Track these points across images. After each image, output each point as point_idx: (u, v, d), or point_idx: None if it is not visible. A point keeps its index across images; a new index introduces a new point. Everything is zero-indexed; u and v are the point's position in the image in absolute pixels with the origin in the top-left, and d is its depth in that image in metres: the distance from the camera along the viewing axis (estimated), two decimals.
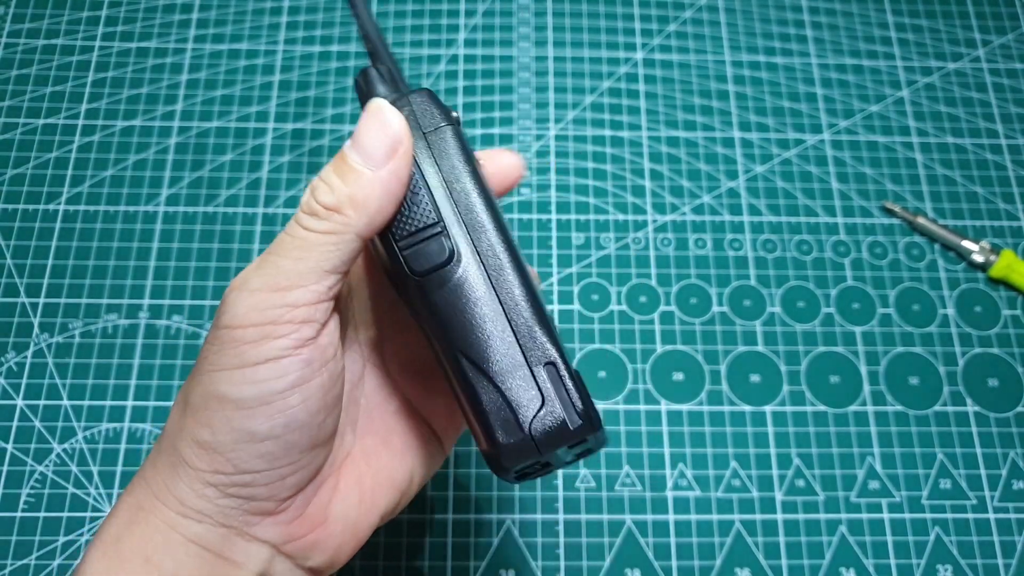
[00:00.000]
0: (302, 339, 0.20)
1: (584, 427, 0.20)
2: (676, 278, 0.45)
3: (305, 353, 0.20)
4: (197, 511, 0.21)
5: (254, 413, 0.20)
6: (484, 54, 0.51)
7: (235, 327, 0.20)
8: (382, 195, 0.20)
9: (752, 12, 0.53)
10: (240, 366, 0.20)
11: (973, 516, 0.40)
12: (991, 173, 0.48)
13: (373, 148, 0.20)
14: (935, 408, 0.42)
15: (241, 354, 0.20)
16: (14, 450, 0.40)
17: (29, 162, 0.47)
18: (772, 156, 0.48)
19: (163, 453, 0.21)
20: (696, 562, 0.38)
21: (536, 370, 0.20)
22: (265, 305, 0.20)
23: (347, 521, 0.23)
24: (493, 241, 0.21)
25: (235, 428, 0.20)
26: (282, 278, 0.20)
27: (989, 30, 0.53)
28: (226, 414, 0.20)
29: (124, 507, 0.22)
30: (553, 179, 0.47)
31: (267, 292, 0.20)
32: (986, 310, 0.45)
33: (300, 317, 0.20)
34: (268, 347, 0.20)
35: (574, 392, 0.20)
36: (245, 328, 0.20)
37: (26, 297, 0.43)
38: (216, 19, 0.51)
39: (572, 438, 0.20)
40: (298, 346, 0.20)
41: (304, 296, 0.20)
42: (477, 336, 0.20)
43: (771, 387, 0.42)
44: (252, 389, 0.20)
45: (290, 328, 0.20)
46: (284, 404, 0.20)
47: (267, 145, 0.48)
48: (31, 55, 0.50)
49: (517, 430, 0.20)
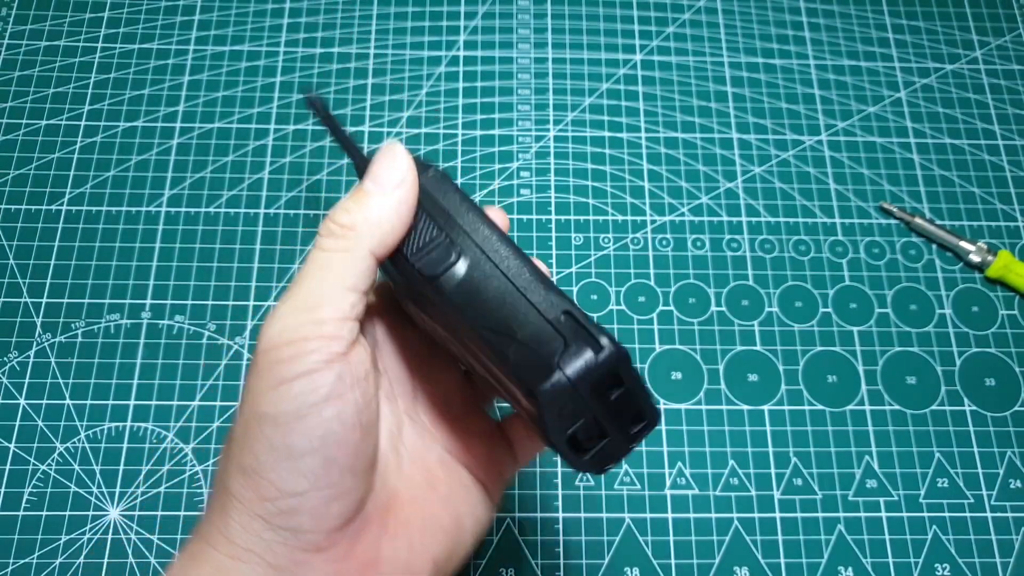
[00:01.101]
0: (332, 354, 0.21)
1: (611, 355, 0.21)
2: (674, 278, 0.45)
3: (336, 367, 0.21)
4: (246, 550, 0.21)
5: (291, 428, 0.21)
6: (484, 55, 0.51)
7: (269, 349, 0.21)
8: (392, 215, 0.23)
9: (750, 14, 0.53)
10: (277, 384, 0.21)
11: (970, 515, 0.40)
12: (988, 174, 0.49)
13: (385, 178, 0.23)
14: (932, 407, 0.42)
15: (277, 373, 0.21)
16: (16, 449, 0.40)
17: (32, 163, 0.47)
18: (770, 157, 0.49)
19: (213, 497, 0.22)
20: (695, 560, 0.39)
21: (554, 321, 0.22)
22: (295, 324, 0.21)
23: (397, 564, 0.23)
24: (488, 234, 0.23)
25: (275, 447, 0.21)
26: (308, 298, 0.22)
27: (986, 32, 0.53)
28: (266, 434, 0.21)
29: (179, 559, 0.22)
30: (552, 180, 0.48)
31: (295, 313, 0.22)
32: (983, 310, 0.45)
33: (328, 332, 0.21)
34: (301, 363, 0.21)
35: (594, 329, 0.22)
36: (279, 348, 0.21)
37: (29, 297, 0.43)
38: (218, 21, 0.52)
39: (600, 369, 0.21)
40: (329, 360, 0.21)
41: (329, 312, 0.22)
42: (495, 309, 0.22)
43: (769, 386, 0.42)
44: (289, 404, 0.21)
45: (320, 343, 0.21)
46: (319, 418, 0.21)
47: (269, 146, 0.48)
48: (34, 56, 0.50)
49: (548, 371, 0.21)
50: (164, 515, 0.39)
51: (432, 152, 0.48)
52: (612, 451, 0.22)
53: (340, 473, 0.21)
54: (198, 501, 0.39)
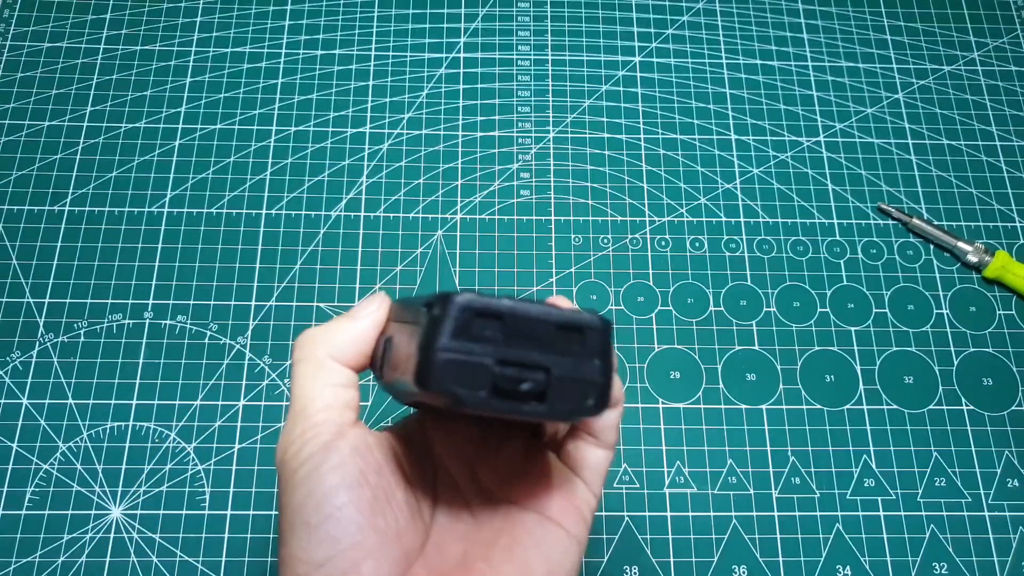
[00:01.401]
0: (329, 434, 0.24)
1: (457, 296, 0.21)
2: (673, 278, 0.45)
3: (337, 444, 0.24)
4: None
5: (304, 505, 0.23)
6: (484, 57, 0.52)
7: (281, 461, 0.24)
8: (346, 329, 0.26)
9: (748, 16, 0.54)
10: (290, 479, 0.23)
11: (968, 514, 0.40)
12: (985, 174, 0.49)
13: (356, 309, 0.26)
14: (930, 407, 0.43)
15: (290, 471, 0.23)
16: (19, 448, 0.40)
17: (34, 163, 0.47)
18: (768, 158, 0.49)
19: None
20: (693, 559, 0.39)
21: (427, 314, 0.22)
22: (291, 427, 0.25)
23: None
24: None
25: (295, 527, 0.23)
26: (295, 404, 0.25)
27: (983, 33, 0.54)
28: (289, 521, 0.23)
29: None
30: (552, 181, 0.48)
31: (291, 420, 0.25)
32: (980, 310, 0.45)
33: (319, 420, 0.24)
34: (303, 452, 0.23)
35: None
36: (285, 450, 0.24)
37: (31, 297, 0.44)
38: (220, 22, 0.52)
39: (458, 307, 0.21)
40: (327, 440, 0.24)
41: (314, 406, 0.25)
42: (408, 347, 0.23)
43: (767, 386, 0.43)
44: (300, 489, 0.23)
45: (314, 431, 0.24)
46: (323, 487, 0.23)
47: (270, 147, 0.48)
48: (36, 57, 0.50)
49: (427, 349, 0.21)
50: (166, 514, 0.39)
51: (432, 153, 0.48)
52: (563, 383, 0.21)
53: (359, 530, 0.23)
54: (200, 500, 0.39)
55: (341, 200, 0.47)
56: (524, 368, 0.21)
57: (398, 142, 0.49)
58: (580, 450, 0.26)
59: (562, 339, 0.21)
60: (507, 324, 0.21)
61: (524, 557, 0.25)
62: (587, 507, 0.26)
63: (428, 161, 0.48)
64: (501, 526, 0.25)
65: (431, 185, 0.47)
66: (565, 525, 0.26)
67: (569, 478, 0.26)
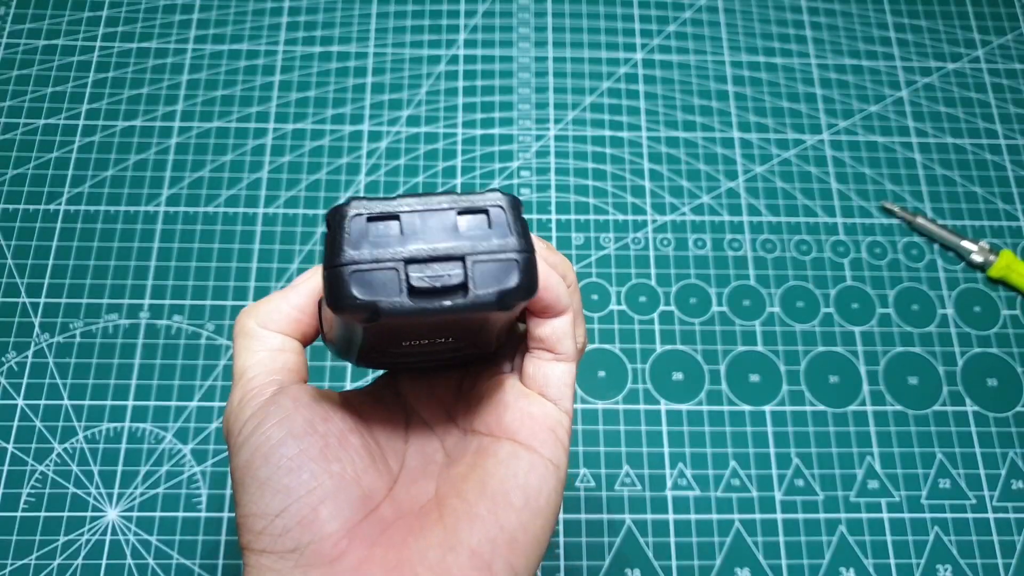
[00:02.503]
0: (267, 394, 0.24)
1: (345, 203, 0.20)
2: (676, 278, 0.45)
3: (277, 400, 0.24)
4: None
5: (252, 462, 0.23)
6: (484, 54, 0.51)
7: (227, 432, 0.24)
8: (276, 300, 0.26)
9: (751, 12, 0.53)
10: (236, 445, 0.24)
11: (972, 516, 0.40)
12: (990, 173, 0.49)
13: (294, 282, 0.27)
14: (934, 408, 0.42)
15: (236, 437, 0.24)
16: (15, 450, 0.40)
17: (30, 162, 0.47)
18: (771, 156, 0.48)
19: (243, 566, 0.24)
20: (696, 562, 0.38)
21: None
22: (232, 398, 0.25)
23: (430, 564, 0.22)
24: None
25: (247, 484, 0.23)
26: (235, 372, 0.26)
27: (988, 31, 0.53)
28: (239, 480, 0.23)
29: None
30: (553, 179, 0.47)
31: (234, 391, 0.25)
32: (985, 310, 0.45)
33: (257, 383, 0.25)
34: (245, 413, 0.24)
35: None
36: (229, 420, 0.24)
37: (27, 297, 0.43)
38: (216, 19, 0.51)
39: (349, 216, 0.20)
40: (266, 400, 0.24)
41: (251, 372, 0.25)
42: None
43: (770, 387, 0.42)
44: (246, 449, 0.23)
45: (252, 394, 0.24)
46: (268, 440, 0.23)
47: (267, 145, 0.48)
48: (32, 55, 0.50)
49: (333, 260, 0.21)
50: (162, 516, 0.39)
51: (432, 151, 0.48)
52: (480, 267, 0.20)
53: (313, 477, 0.22)
54: (196, 502, 0.39)
55: (340, 199, 0.46)
56: (436, 262, 0.20)
57: (397, 140, 0.48)
58: (539, 368, 0.25)
59: (468, 225, 0.21)
60: (405, 221, 0.20)
61: (500, 487, 0.24)
62: (560, 427, 0.25)
63: (427, 159, 0.48)
64: (474, 461, 0.25)
65: (430, 183, 0.47)
66: (538, 449, 0.25)
67: (534, 400, 0.25)
